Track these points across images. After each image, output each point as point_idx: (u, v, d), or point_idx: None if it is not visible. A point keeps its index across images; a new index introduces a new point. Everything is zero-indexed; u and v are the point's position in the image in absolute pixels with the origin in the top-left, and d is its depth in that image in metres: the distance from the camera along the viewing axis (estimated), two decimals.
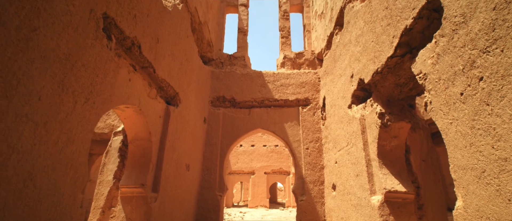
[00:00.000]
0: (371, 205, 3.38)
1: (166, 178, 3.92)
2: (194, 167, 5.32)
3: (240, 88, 6.74)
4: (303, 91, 6.61)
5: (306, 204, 5.59)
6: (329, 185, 5.33)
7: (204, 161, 6.06)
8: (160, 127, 3.91)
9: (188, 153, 4.91)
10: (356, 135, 3.96)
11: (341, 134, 4.69)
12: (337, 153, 4.88)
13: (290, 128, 6.35)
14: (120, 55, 2.77)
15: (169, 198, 4.01)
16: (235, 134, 6.39)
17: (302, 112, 6.40)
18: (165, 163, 3.91)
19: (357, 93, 4.09)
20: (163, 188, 3.82)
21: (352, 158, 4.11)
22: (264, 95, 6.65)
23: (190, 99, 5.09)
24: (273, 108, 6.58)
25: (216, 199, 5.80)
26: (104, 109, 2.45)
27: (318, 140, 6.10)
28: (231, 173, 16.58)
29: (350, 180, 4.16)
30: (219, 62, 7.38)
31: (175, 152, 4.27)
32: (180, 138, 4.51)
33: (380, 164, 3.39)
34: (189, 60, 5.07)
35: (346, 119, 4.48)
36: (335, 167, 4.98)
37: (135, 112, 3.33)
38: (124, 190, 3.41)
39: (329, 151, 5.49)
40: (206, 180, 5.94)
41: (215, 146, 6.23)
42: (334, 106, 5.24)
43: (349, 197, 4.15)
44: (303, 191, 5.74)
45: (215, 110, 6.57)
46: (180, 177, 4.51)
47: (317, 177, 5.79)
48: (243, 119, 6.52)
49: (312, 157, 5.96)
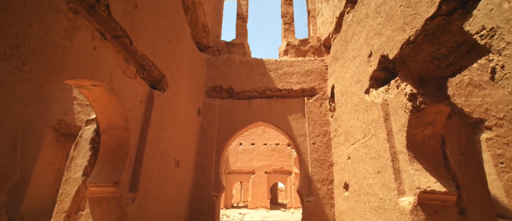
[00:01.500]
0: (399, 209, 2.71)
1: (148, 175, 3.27)
2: (185, 164, 4.66)
3: (239, 77, 6.08)
4: (308, 80, 5.95)
5: (313, 206, 4.93)
6: (340, 184, 4.67)
7: (198, 157, 5.40)
8: (141, 113, 3.25)
9: (177, 147, 4.25)
10: (377, 124, 3.30)
11: (356, 125, 4.03)
12: (351, 147, 4.22)
13: (294, 121, 5.69)
14: (78, 11, 2.11)
15: (152, 199, 3.35)
16: (233, 128, 5.73)
17: (307, 103, 5.73)
18: (148, 157, 3.25)
19: (377, 74, 3.44)
20: (144, 187, 3.17)
21: (371, 152, 3.45)
22: (266, 84, 5.99)
23: (180, 86, 4.43)
24: (275, 98, 5.92)
25: (211, 200, 5.14)
26: (49, 78, 1.80)
27: (326, 134, 5.44)
28: (230, 173, 15.89)
29: (368, 178, 3.50)
30: (216, 50, 6.73)
31: (160, 145, 3.61)
32: (167, 128, 3.85)
33: (410, 157, 2.73)
34: (179, 40, 4.41)
35: (362, 107, 3.82)
36: (348, 163, 4.32)
37: (106, 92, 2.68)
38: (93, 189, 2.75)
39: (339, 146, 4.83)
40: (200, 178, 5.28)
41: (211, 141, 5.57)
42: (345, 94, 4.58)
43: (367, 198, 3.49)
44: (309, 191, 5.08)
45: (210, 101, 5.91)
46: (167, 174, 3.85)
47: (326, 176, 5.12)
48: (242, 111, 5.86)
49: (319, 153, 5.30)
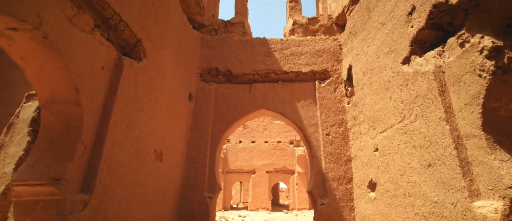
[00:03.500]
0: (475, 218, 1.83)
1: (112, 169, 2.38)
2: (171, 157, 3.77)
3: (238, 58, 5.20)
4: (320, 61, 5.07)
5: (329, 210, 4.04)
6: (362, 183, 3.79)
7: (189, 150, 4.51)
8: (103, 85, 2.37)
9: (160, 135, 3.36)
10: (426, 101, 2.42)
11: (387, 107, 3.15)
12: (379, 136, 3.34)
13: (303, 108, 4.81)
14: None
15: (117, 202, 2.46)
16: (231, 117, 4.85)
17: (319, 88, 4.85)
18: (112, 145, 2.36)
19: (424, 34, 2.55)
20: (105, 186, 2.28)
21: (415, 139, 2.57)
22: (269, 66, 5.11)
23: (165, 59, 3.55)
24: (281, 83, 5.04)
25: (204, 202, 4.25)
26: None
27: (342, 123, 4.56)
28: (230, 172, 14.99)
29: (410, 174, 2.62)
30: (212, 29, 5.84)
31: (133, 130, 2.72)
32: (145, 109, 2.97)
33: (489, 143, 1.85)
34: (163, 3, 3.53)
35: (397, 82, 2.94)
36: (375, 157, 3.43)
37: (37, 43, 1.79)
38: (20, 190, 1.86)
39: (361, 137, 3.95)
40: (192, 176, 4.39)
41: (205, 132, 4.69)
42: (370, 71, 3.70)
43: (410, 201, 2.61)
44: (323, 191, 4.19)
45: (205, 86, 5.02)
46: (144, 169, 2.96)
47: (343, 173, 4.24)
48: (242, 98, 4.97)
49: (334, 146, 4.41)
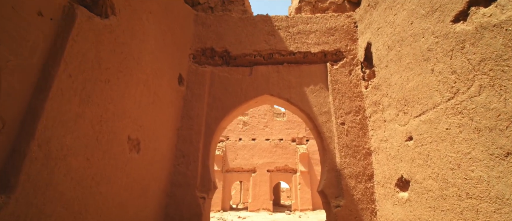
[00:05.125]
0: None
1: (55, 158, 1.69)
2: (154, 148, 3.08)
3: (237, 37, 4.51)
4: (331, 40, 4.38)
5: (346, 213, 3.34)
6: (388, 181, 3.10)
7: (178, 142, 3.83)
8: (43, 38, 1.68)
9: (136, 119, 2.67)
10: (500, 63, 1.73)
11: (428, 83, 2.46)
12: (413, 121, 2.64)
13: (313, 94, 4.12)
14: None
15: (65, 204, 1.76)
16: (229, 104, 4.16)
17: (331, 70, 4.16)
18: (53, 123, 1.68)
19: None
20: (40, 183, 1.59)
21: (478, 119, 1.87)
22: (273, 46, 4.42)
23: (145, 25, 2.86)
24: (286, 65, 4.35)
25: (196, 202, 3.56)
26: None
27: (360, 110, 3.87)
28: (229, 171, 14.31)
29: (470, 168, 1.92)
30: (207, 7, 5.15)
31: (92, 107, 2.03)
32: (112, 82, 2.27)
33: None
34: None
35: (444, 49, 2.24)
36: (407, 147, 2.74)
37: None
38: None
39: (385, 125, 3.26)
40: (181, 172, 3.70)
41: (197, 121, 4.00)
42: (398, 44, 3.00)
43: (470, 204, 1.91)
44: (338, 191, 3.50)
45: (198, 68, 4.34)
46: (112, 161, 2.26)
47: (362, 169, 3.55)
48: (242, 82, 4.29)
49: (351, 137, 3.72)
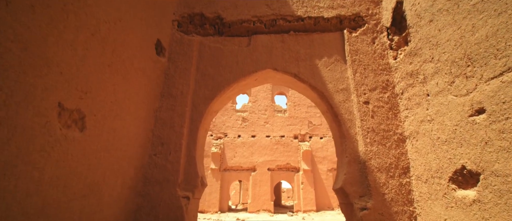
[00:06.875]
0: None
1: None
2: (112, 128, 2.24)
3: (232, 0, 3.68)
4: (348, 3, 3.54)
5: (376, 218, 2.50)
6: (436, 175, 2.26)
7: (155, 127, 2.99)
8: None
9: (76, 81, 1.82)
10: None
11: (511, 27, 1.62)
12: (483, 87, 1.80)
13: (327, 67, 3.28)
14: None
15: None
16: (221, 80, 3.33)
17: (350, 39, 3.33)
18: None
19: None
20: None
21: None
22: (277, 10, 3.58)
23: None
24: (293, 33, 3.52)
25: (177, 204, 2.71)
26: None
27: (388, 86, 3.03)
28: (227, 170, 13.47)
29: None
30: None
31: None
32: (17, 4, 1.44)
33: None
34: None
35: None
36: (472, 126, 1.90)
37: None
38: None
39: (428, 100, 2.42)
40: (158, 165, 2.87)
41: (181, 100, 3.17)
42: None
43: None
44: (363, 188, 2.66)
45: (184, 37, 3.50)
46: (22, 139, 1.42)
47: (394, 159, 2.71)
48: (238, 54, 3.45)
49: (378, 119, 2.89)
